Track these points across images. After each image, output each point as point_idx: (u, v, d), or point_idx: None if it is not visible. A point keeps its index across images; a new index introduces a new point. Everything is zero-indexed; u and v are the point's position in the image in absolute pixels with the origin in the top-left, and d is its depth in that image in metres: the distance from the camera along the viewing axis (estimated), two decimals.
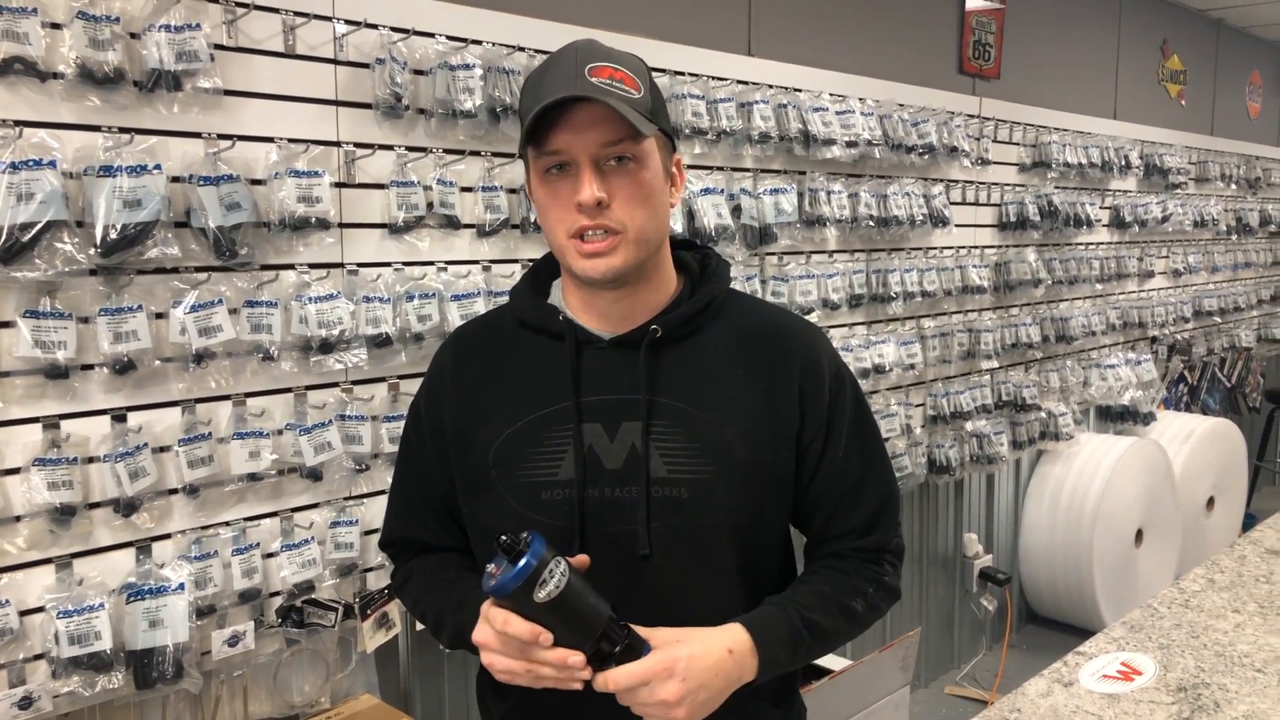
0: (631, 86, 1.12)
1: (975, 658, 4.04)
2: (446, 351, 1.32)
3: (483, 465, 1.21)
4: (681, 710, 1.04)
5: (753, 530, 1.22)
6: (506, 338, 1.27)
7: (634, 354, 1.19)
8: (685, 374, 1.20)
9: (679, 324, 1.21)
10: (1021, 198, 3.86)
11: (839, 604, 1.21)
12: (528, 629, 1.02)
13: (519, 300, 1.28)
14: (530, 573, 0.99)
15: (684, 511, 1.16)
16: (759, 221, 2.78)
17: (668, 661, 1.04)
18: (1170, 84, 5.09)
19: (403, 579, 1.34)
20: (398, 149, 2.04)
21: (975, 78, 3.74)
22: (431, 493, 1.30)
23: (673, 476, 1.17)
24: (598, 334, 1.21)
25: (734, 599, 1.18)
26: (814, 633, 1.17)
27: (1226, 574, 1.93)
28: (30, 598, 1.64)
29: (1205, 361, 5.34)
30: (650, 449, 1.17)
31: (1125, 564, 4.15)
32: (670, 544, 1.16)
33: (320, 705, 2.02)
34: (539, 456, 1.19)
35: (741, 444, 1.19)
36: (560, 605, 1.01)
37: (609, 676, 1.04)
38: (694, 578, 1.17)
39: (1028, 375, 3.97)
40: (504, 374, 1.24)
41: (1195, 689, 1.46)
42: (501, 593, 1.01)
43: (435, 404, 1.28)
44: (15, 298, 1.59)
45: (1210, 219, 5.18)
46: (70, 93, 1.62)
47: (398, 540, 1.35)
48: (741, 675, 1.11)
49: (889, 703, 2.52)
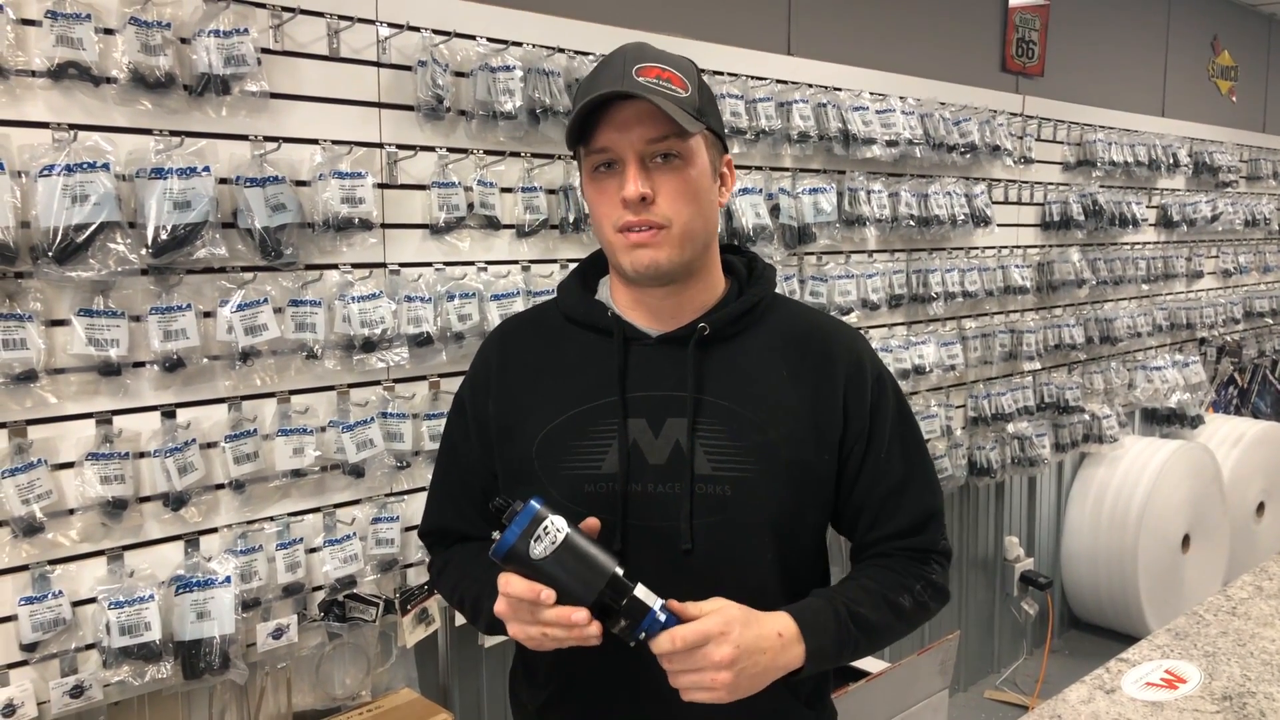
0: (679, 86, 1.14)
1: (1015, 662, 4.00)
2: (493, 344, 1.33)
3: (526, 457, 1.23)
4: (728, 675, 1.04)
5: (793, 530, 1.22)
6: (553, 332, 1.28)
7: (681, 351, 1.20)
8: (731, 373, 1.21)
9: (726, 323, 1.22)
10: (1065, 197, 3.81)
11: (886, 599, 1.20)
12: (526, 587, 1.03)
13: (567, 296, 1.29)
14: (522, 531, 1.02)
15: (727, 509, 1.17)
16: (798, 221, 2.77)
17: (723, 624, 1.04)
18: (1220, 80, 4.98)
19: (440, 566, 1.35)
20: (439, 150, 2.07)
21: (1018, 75, 3.70)
22: (473, 483, 1.31)
23: (716, 474, 1.17)
24: (645, 331, 1.23)
25: (773, 598, 1.18)
26: (861, 627, 1.17)
27: (1275, 581, 1.89)
28: (83, 589, 1.68)
29: (1256, 364, 5.22)
30: (695, 445, 1.18)
31: (1171, 569, 4.08)
32: (712, 540, 1.17)
33: (361, 698, 2.05)
34: (583, 450, 1.20)
35: (785, 444, 1.19)
36: (558, 561, 1.03)
37: (671, 635, 1.03)
38: (734, 575, 1.17)
39: (1071, 377, 3.91)
40: (550, 367, 1.26)
41: (1241, 698, 1.44)
42: (500, 553, 1.04)
43: (480, 395, 1.29)
44: (70, 297, 1.63)
45: (1262, 218, 5.07)
46: (123, 97, 1.67)
47: (437, 530, 1.37)
48: (788, 662, 1.10)
49: (926, 706, 2.50)
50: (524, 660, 1.34)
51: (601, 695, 1.23)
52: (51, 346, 1.62)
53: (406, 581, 2.08)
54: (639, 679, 1.15)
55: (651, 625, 1.04)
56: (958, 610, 3.73)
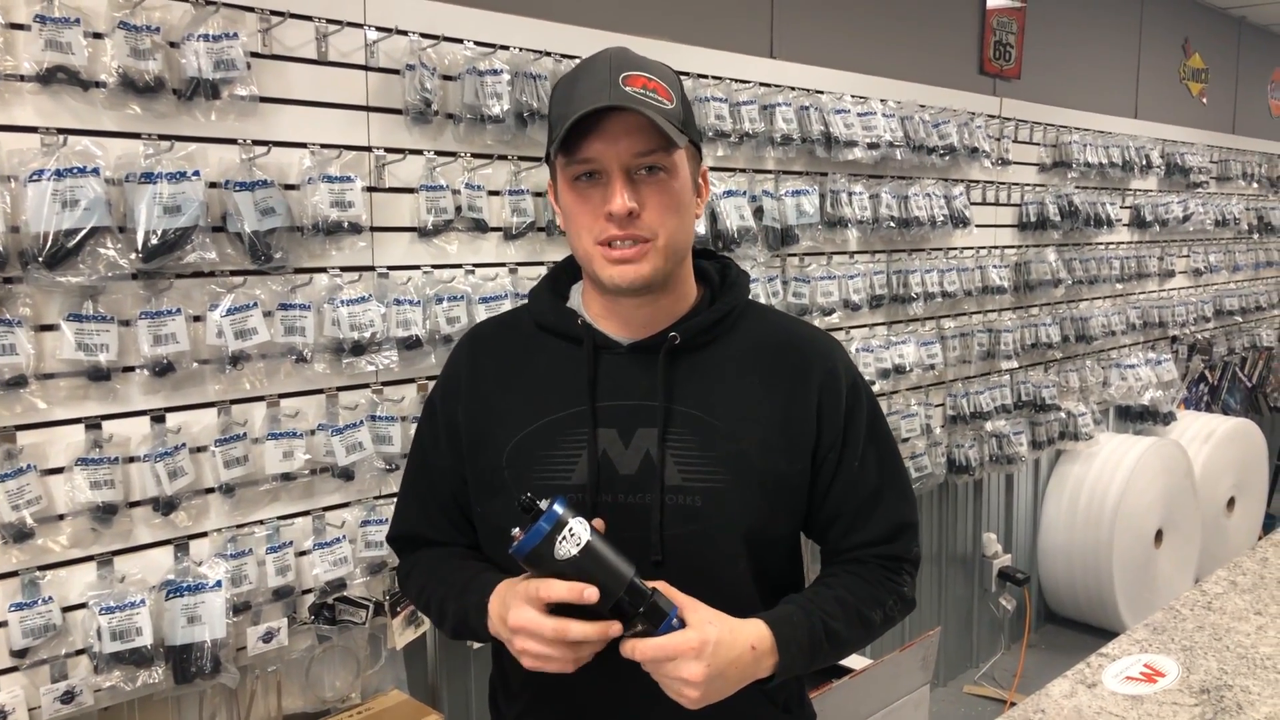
0: (665, 97, 1.13)
1: (994, 657, 4.05)
2: (463, 350, 1.32)
3: (496, 466, 1.22)
4: (696, 692, 1.05)
5: (765, 539, 1.22)
6: (524, 339, 1.27)
7: (652, 360, 1.20)
8: (702, 382, 1.21)
9: (697, 332, 1.21)
10: (1042, 198, 3.86)
11: (859, 614, 1.21)
12: (568, 589, 1.02)
13: (538, 303, 1.28)
14: (548, 531, 1.02)
15: (697, 519, 1.17)
16: (781, 223, 2.80)
17: (698, 642, 1.05)
18: (1192, 82, 5.06)
19: (407, 569, 1.34)
20: (427, 154, 2.08)
21: (996, 78, 3.75)
22: (442, 489, 1.30)
23: (687, 484, 1.17)
24: (616, 339, 1.22)
25: (747, 606, 1.18)
26: (832, 642, 1.18)
27: (1249, 576, 1.94)
28: (73, 594, 1.68)
29: (1226, 361, 5.32)
30: (666, 456, 1.17)
31: (1145, 564, 4.15)
32: (683, 551, 1.17)
33: (351, 700, 2.05)
34: (553, 459, 1.19)
35: (757, 454, 1.19)
36: (581, 564, 1.02)
37: (637, 646, 1.05)
38: (706, 585, 1.16)
39: (1047, 375, 3.97)
40: (521, 375, 1.25)
41: (1218, 691, 1.48)
42: (522, 553, 1.03)
43: (451, 402, 1.28)
44: (59, 302, 1.63)
45: (1232, 218, 5.16)
46: (112, 101, 1.66)
47: (405, 535, 1.35)
48: (756, 673, 1.12)
49: (909, 701, 2.54)
50: (500, 669, 1.33)
51: (576, 705, 1.22)
52: (41, 351, 1.62)
53: (396, 584, 2.08)
54: (613, 689, 1.15)
55: (667, 629, 1.05)
56: (937, 606, 3.78)
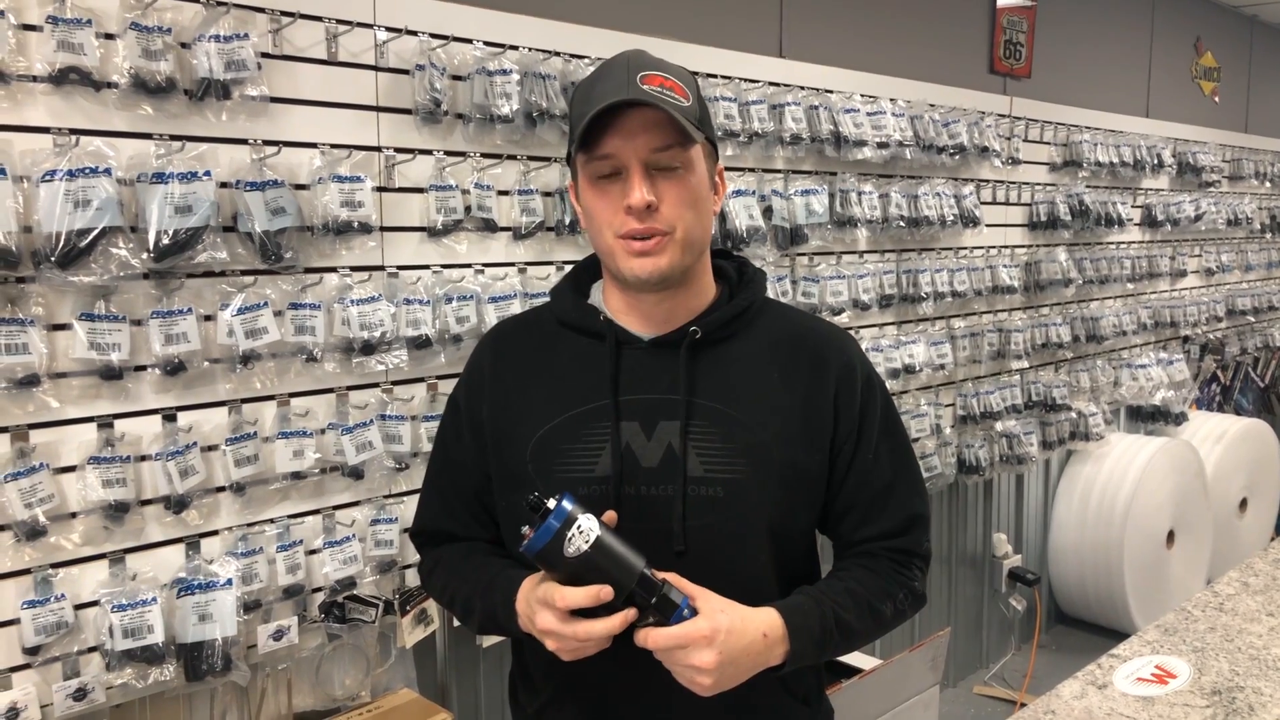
0: (681, 95, 1.16)
1: (1004, 658, 4.04)
2: (486, 348, 1.34)
3: (520, 460, 1.24)
4: (709, 679, 1.07)
5: (785, 530, 1.24)
6: (546, 336, 1.29)
7: (673, 355, 1.22)
8: (722, 376, 1.23)
9: (717, 327, 1.24)
10: (1052, 197, 3.85)
11: (870, 606, 1.23)
12: (583, 594, 1.04)
13: (560, 300, 1.31)
14: (558, 529, 1.03)
15: (719, 511, 1.19)
16: (790, 222, 2.80)
17: (709, 630, 1.07)
18: (1204, 81, 5.04)
19: (430, 566, 1.36)
20: (437, 153, 2.08)
21: (1006, 77, 3.73)
22: (465, 485, 1.32)
23: (709, 476, 1.19)
24: (637, 335, 1.24)
25: (766, 597, 1.20)
26: (843, 633, 1.19)
27: (1261, 577, 1.93)
28: (85, 592, 1.69)
29: (1238, 361, 5.29)
30: (688, 448, 1.19)
31: (1156, 565, 4.13)
32: (705, 542, 1.19)
33: (361, 699, 2.06)
34: (576, 453, 1.21)
35: (777, 446, 1.21)
36: (592, 559, 1.04)
37: (650, 635, 1.07)
38: (727, 576, 1.19)
39: (1058, 375, 3.95)
40: (543, 371, 1.27)
41: (1230, 693, 1.47)
42: (533, 551, 1.04)
43: (475, 399, 1.30)
44: (72, 301, 1.64)
45: (1244, 217, 5.13)
46: (124, 101, 1.67)
47: (428, 530, 1.37)
48: (768, 660, 1.14)
49: (918, 702, 2.53)
50: (521, 664, 1.35)
51: (599, 697, 1.24)
52: (53, 351, 1.63)
53: (405, 583, 2.09)
54: (635, 681, 1.17)
55: (678, 620, 1.07)
56: (947, 607, 3.77)
